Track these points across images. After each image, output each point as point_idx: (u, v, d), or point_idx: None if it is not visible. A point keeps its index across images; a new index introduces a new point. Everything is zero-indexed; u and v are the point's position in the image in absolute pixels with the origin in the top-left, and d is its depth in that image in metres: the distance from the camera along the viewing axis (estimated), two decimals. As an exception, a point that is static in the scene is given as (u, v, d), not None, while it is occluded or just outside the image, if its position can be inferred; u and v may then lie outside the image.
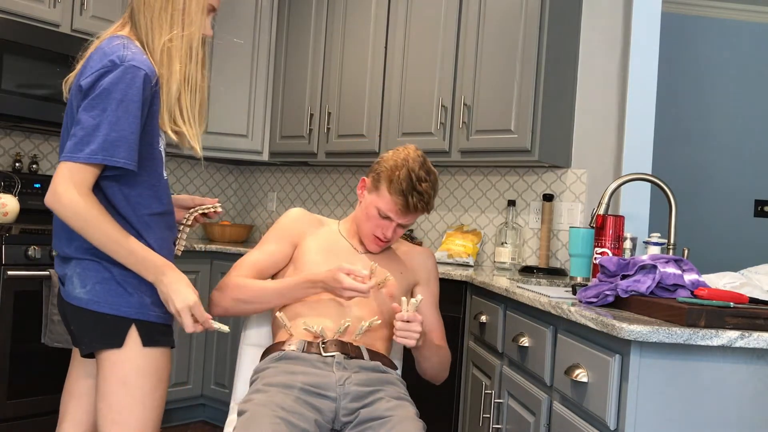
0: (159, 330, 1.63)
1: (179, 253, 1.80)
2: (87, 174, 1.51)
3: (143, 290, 1.60)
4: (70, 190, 1.50)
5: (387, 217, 1.97)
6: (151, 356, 1.61)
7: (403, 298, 1.86)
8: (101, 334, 1.58)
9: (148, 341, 1.60)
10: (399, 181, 1.93)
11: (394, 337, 1.85)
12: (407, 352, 2.07)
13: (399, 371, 2.09)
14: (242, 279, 1.96)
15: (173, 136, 1.65)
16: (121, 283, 1.58)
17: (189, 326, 1.60)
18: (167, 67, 1.61)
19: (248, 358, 2.09)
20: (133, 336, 1.58)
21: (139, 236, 1.60)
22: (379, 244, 2.03)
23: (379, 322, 1.90)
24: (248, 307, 1.96)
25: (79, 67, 1.65)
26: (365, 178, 2.04)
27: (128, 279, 1.59)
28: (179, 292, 1.59)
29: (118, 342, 1.58)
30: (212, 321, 1.64)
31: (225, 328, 1.67)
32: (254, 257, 2.03)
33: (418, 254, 2.14)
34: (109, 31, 1.70)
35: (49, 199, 1.52)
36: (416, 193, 1.92)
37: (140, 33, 1.63)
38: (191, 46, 1.65)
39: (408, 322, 1.83)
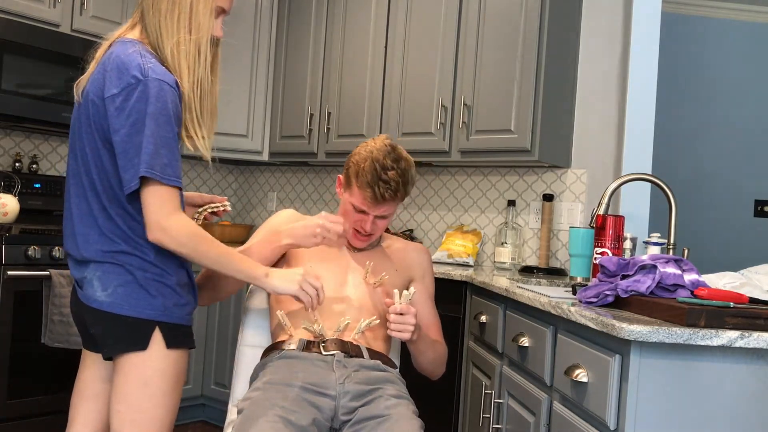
0: (181, 331, 1.64)
1: None
2: (175, 195, 1.55)
3: (165, 293, 1.60)
4: (173, 218, 1.54)
5: (362, 211, 1.97)
6: (172, 358, 1.61)
7: (395, 291, 1.86)
8: (125, 337, 1.58)
9: (171, 343, 1.61)
10: (364, 173, 1.92)
11: (388, 331, 1.85)
12: (405, 351, 2.07)
13: (397, 370, 2.09)
14: None
15: (186, 142, 1.65)
16: (143, 285, 1.58)
17: (308, 301, 1.77)
18: (177, 72, 1.61)
19: (246, 358, 2.09)
20: (156, 338, 1.59)
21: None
22: (361, 239, 2.02)
23: (378, 322, 1.90)
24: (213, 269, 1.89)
25: (92, 69, 1.64)
26: (340, 176, 2.05)
27: (150, 282, 1.59)
28: (286, 277, 1.74)
29: (142, 345, 1.58)
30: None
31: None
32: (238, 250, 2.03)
33: (412, 251, 2.14)
34: (119, 31, 1.69)
35: (158, 236, 1.54)
36: (382, 183, 1.91)
37: (150, 36, 1.62)
38: (199, 50, 1.64)
39: (401, 314, 1.83)
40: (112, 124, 1.53)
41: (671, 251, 2.27)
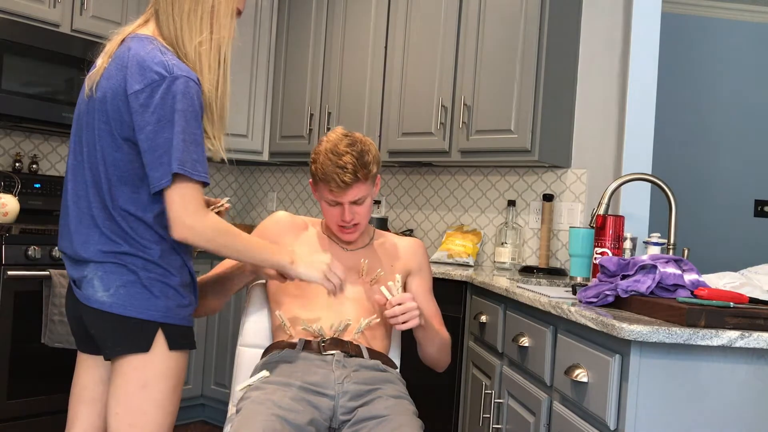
0: (183, 333, 1.61)
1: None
2: (200, 192, 1.55)
3: (169, 293, 1.58)
4: (197, 214, 1.55)
5: (336, 203, 1.96)
6: (173, 359, 1.59)
7: (382, 288, 1.85)
8: (127, 338, 1.55)
9: (173, 344, 1.58)
10: (323, 167, 1.92)
11: (396, 327, 1.84)
12: (405, 351, 2.07)
13: (397, 370, 2.09)
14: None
15: (206, 142, 1.63)
16: (147, 286, 1.56)
17: (332, 289, 1.79)
18: (198, 72, 1.59)
19: (246, 358, 2.09)
20: (159, 340, 1.56)
21: (162, 239, 1.58)
22: (346, 232, 2.01)
23: (378, 320, 1.90)
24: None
25: (104, 63, 1.61)
26: (311, 180, 2.05)
27: (154, 282, 1.56)
28: (312, 264, 1.77)
29: (145, 346, 1.55)
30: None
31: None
32: None
33: (407, 245, 2.14)
34: (131, 27, 1.66)
35: (183, 234, 1.54)
36: (339, 169, 1.90)
37: (169, 34, 1.60)
38: (220, 50, 1.63)
39: (401, 305, 1.82)
40: (137, 120, 1.51)
41: (671, 251, 2.27)
